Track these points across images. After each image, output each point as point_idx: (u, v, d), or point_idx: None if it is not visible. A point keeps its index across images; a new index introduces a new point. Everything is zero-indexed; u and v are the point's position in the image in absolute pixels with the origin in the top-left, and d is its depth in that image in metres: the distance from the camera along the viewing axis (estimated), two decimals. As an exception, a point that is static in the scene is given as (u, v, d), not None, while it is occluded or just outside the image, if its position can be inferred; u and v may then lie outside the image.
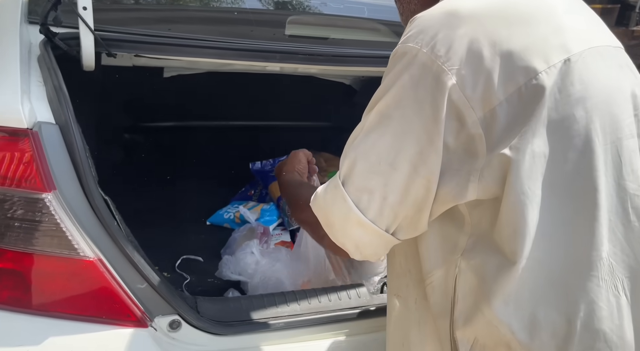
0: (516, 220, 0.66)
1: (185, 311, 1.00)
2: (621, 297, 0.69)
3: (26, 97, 0.90)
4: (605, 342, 0.68)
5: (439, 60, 0.65)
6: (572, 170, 0.67)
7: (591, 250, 0.67)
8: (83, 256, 0.90)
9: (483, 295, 0.70)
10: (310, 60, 1.31)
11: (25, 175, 0.86)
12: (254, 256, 1.45)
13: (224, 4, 1.65)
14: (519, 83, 0.65)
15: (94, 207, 0.91)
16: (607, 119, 0.69)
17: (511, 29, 0.67)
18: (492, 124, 0.65)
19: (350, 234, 0.73)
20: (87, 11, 1.05)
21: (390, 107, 0.68)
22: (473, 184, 0.67)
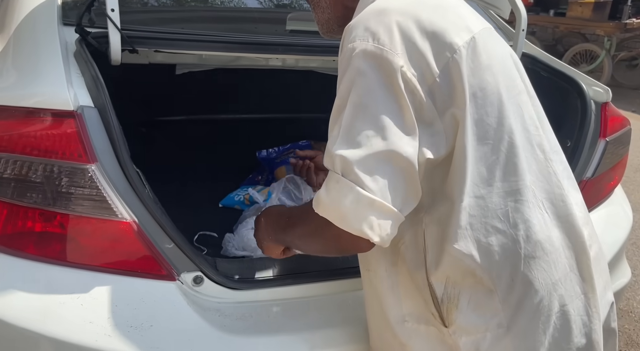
0: (461, 167, 0.83)
1: (206, 268, 1.16)
2: (544, 214, 0.88)
3: (70, 85, 1.07)
4: (543, 250, 0.86)
5: (385, 47, 0.79)
6: (494, 122, 0.85)
7: (518, 180, 0.86)
8: (121, 218, 1.06)
9: (446, 238, 0.86)
10: (309, 51, 1.47)
11: (72, 149, 1.03)
12: None
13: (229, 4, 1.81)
14: (447, 57, 0.82)
15: (128, 177, 1.07)
16: (507, 80, 0.89)
17: (429, 15, 0.84)
18: (436, 94, 0.81)
19: (365, 217, 0.77)
20: (114, 12, 1.22)
21: (361, 96, 0.78)
22: (440, 143, 0.83)
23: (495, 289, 0.86)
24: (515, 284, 0.86)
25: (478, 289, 0.87)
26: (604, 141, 1.46)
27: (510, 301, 0.86)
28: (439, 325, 0.91)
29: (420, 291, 0.91)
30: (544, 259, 0.86)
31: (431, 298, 0.90)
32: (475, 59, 0.84)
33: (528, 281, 0.86)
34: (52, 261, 1.07)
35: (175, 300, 1.11)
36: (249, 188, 1.90)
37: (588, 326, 0.90)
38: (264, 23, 1.69)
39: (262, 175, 2.11)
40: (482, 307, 0.87)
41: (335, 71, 2.27)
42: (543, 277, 0.86)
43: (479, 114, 0.83)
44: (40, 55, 1.17)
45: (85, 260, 1.08)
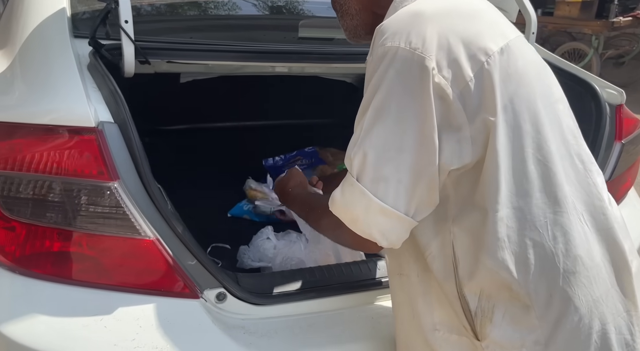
0: (494, 176, 0.81)
1: (229, 284, 1.13)
2: (584, 226, 0.85)
3: (89, 100, 1.04)
4: (583, 265, 0.84)
5: (417, 51, 0.78)
6: (530, 129, 0.83)
7: (557, 191, 0.83)
8: (144, 236, 1.03)
9: (480, 249, 0.83)
10: (324, 59, 1.46)
11: (93, 167, 0.99)
12: (270, 241, 1.55)
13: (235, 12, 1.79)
14: (481, 61, 0.80)
15: (150, 193, 1.04)
16: (543, 88, 0.87)
17: (464, 22, 0.83)
18: (467, 99, 0.79)
19: (375, 223, 0.80)
20: (128, 24, 1.19)
21: (384, 100, 0.79)
22: (467, 149, 0.81)
23: (532, 305, 0.83)
24: (553, 300, 0.83)
25: (514, 303, 0.84)
26: (620, 144, 1.46)
27: (548, 317, 0.83)
28: (472, 338, 0.88)
29: (451, 302, 0.89)
30: (584, 275, 0.84)
31: (462, 310, 0.87)
32: (511, 64, 0.82)
33: (567, 298, 0.83)
34: (73, 282, 1.03)
35: (200, 318, 1.08)
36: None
37: (631, 345, 0.87)
38: (273, 30, 1.67)
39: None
40: (518, 322, 0.84)
41: (339, 76, 2.28)
42: (583, 293, 0.83)
43: (514, 120, 0.81)
44: (54, 70, 1.13)
45: (107, 280, 1.04)
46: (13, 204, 0.99)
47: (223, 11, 1.77)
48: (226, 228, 1.80)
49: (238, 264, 1.55)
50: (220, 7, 1.77)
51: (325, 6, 1.81)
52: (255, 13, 1.75)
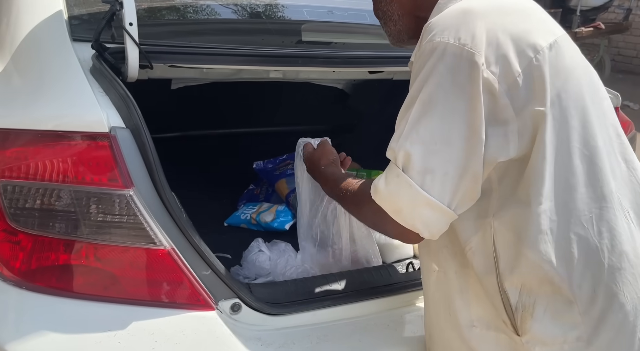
0: (540, 170, 0.81)
1: (244, 294, 1.09)
2: (631, 224, 0.86)
3: (100, 104, 0.99)
4: (629, 262, 0.84)
5: (466, 47, 0.79)
6: (577, 124, 0.84)
7: (603, 186, 0.84)
8: (160, 246, 0.98)
9: (522, 242, 0.83)
10: (327, 63, 1.44)
11: (107, 174, 0.94)
12: (264, 253, 1.49)
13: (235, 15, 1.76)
14: (530, 57, 0.81)
15: (165, 201, 1.00)
16: (591, 85, 0.89)
17: (513, 19, 0.84)
18: (515, 94, 0.80)
19: (419, 215, 0.81)
20: (132, 27, 1.14)
21: (432, 94, 0.80)
22: (513, 143, 0.81)
23: (575, 300, 0.83)
24: (597, 296, 0.83)
25: (556, 298, 0.84)
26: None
27: (591, 313, 0.83)
28: (511, 333, 0.87)
29: (490, 297, 0.88)
30: (630, 272, 0.84)
31: (502, 304, 0.87)
32: (559, 60, 0.83)
33: (612, 294, 0.83)
34: (83, 297, 0.98)
35: (217, 330, 1.04)
36: (255, 207, 1.83)
37: None
38: (271, 35, 1.65)
39: (261, 188, 2.04)
40: (561, 317, 0.84)
41: (331, 82, 2.27)
42: (628, 290, 0.83)
43: (562, 116, 0.82)
44: (58, 74, 1.07)
45: (120, 293, 0.99)
46: (20, 214, 0.93)
47: (221, 15, 1.74)
48: (223, 237, 1.74)
49: None
50: (218, 11, 1.73)
51: (325, 10, 1.82)
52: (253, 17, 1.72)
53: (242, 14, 1.74)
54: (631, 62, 7.39)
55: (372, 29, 1.70)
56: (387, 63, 1.53)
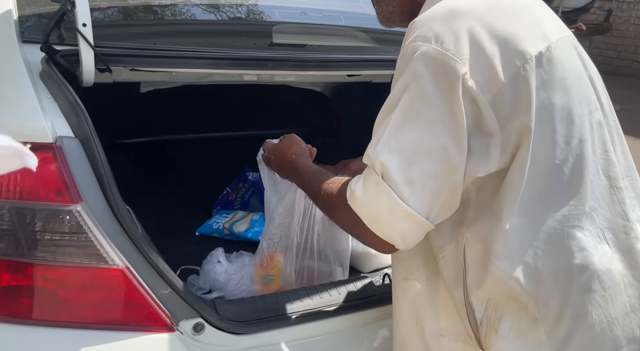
0: (516, 184, 0.77)
1: (207, 313, 1.03)
2: (604, 244, 0.82)
3: (44, 112, 0.91)
4: (600, 284, 0.80)
5: (449, 52, 0.74)
6: (561, 140, 0.79)
7: (578, 205, 0.80)
8: (112, 265, 0.91)
9: (490, 257, 0.79)
10: (298, 66, 1.38)
11: (53, 188, 0.87)
12: (222, 265, 1.43)
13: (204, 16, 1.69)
14: (517, 66, 0.75)
15: (118, 216, 0.93)
16: (581, 95, 0.83)
17: (503, 20, 0.78)
18: (500, 105, 0.75)
19: (397, 226, 0.77)
20: (86, 28, 1.07)
21: (414, 101, 0.75)
22: (495, 157, 0.77)
23: (541, 319, 0.80)
24: (564, 317, 0.80)
25: (522, 316, 0.80)
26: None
27: (557, 333, 0.80)
28: (476, 346, 0.84)
29: (458, 309, 0.85)
30: (600, 294, 0.80)
31: (467, 317, 0.84)
32: (549, 70, 0.78)
33: (580, 315, 0.80)
34: (29, 322, 0.90)
35: (177, 354, 0.97)
36: (229, 215, 1.76)
37: None
38: (242, 36, 1.58)
39: (237, 192, 1.97)
40: (526, 336, 0.80)
41: (308, 85, 2.21)
42: (598, 313, 0.80)
43: (546, 130, 0.78)
44: (0, 78, 0.99)
45: (70, 317, 0.92)
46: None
47: (189, 16, 1.67)
48: (194, 248, 1.68)
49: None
50: (186, 11, 1.66)
51: (298, 12, 1.76)
52: (223, 18, 1.65)
53: (213, 14, 1.67)
54: (612, 63, 7.47)
55: (347, 31, 1.65)
56: (363, 66, 1.47)
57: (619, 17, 7.24)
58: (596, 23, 6.80)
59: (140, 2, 1.64)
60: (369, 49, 1.67)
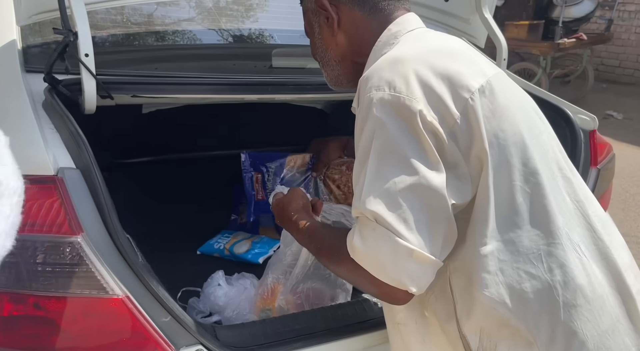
0: (484, 210, 0.80)
1: (207, 340, 1.03)
2: (582, 257, 0.83)
3: (46, 144, 0.93)
4: (584, 298, 0.82)
5: (402, 94, 0.79)
6: (518, 162, 0.83)
7: (549, 223, 0.82)
8: (112, 295, 0.92)
9: (474, 286, 0.81)
10: (297, 90, 1.40)
11: (54, 220, 0.88)
12: (222, 288, 1.43)
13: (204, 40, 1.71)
14: (465, 99, 0.80)
15: (118, 246, 0.94)
16: (527, 121, 0.88)
17: (443, 62, 0.84)
18: (458, 136, 0.79)
19: (404, 268, 0.75)
20: (89, 58, 1.09)
21: (384, 145, 0.78)
22: (467, 185, 0.80)
23: (535, 342, 0.80)
24: (556, 336, 0.81)
25: (516, 341, 0.81)
26: (596, 169, 1.47)
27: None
28: None
29: (453, 344, 0.86)
30: (587, 308, 0.82)
31: (464, 350, 0.84)
32: (493, 100, 0.83)
33: (571, 332, 0.81)
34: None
35: (178, 383, 0.97)
36: (230, 236, 1.77)
37: None
38: (242, 60, 1.60)
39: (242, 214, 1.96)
40: None
41: (309, 103, 2.23)
42: (587, 328, 0.81)
43: (501, 155, 0.81)
44: (4, 109, 1.01)
45: (70, 346, 0.92)
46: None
47: (189, 40, 1.69)
48: (195, 268, 1.68)
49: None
50: (186, 35, 1.68)
51: (297, 34, 1.78)
52: (223, 42, 1.67)
53: (213, 38, 1.69)
54: (614, 72, 7.46)
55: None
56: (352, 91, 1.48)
57: (620, 26, 7.25)
58: (597, 32, 6.82)
59: (141, 28, 1.66)
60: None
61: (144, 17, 1.63)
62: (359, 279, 0.81)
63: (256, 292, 1.33)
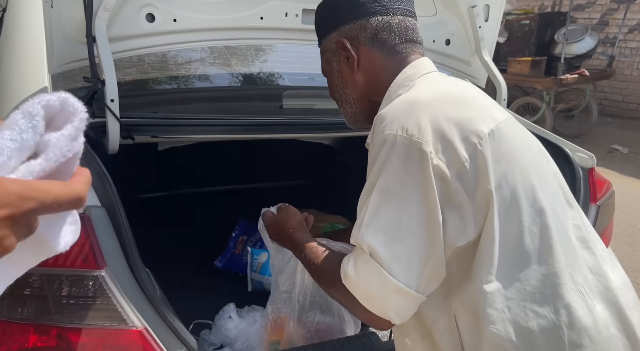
0: (489, 249, 0.83)
1: None
2: (586, 298, 0.85)
3: (75, 184, 1.00)
4: (589, 338, 0.83)
5: (414, 137, 0.83)
6: (526, 204, 0.85)
7: (554, 263, 0.85)
8: (131, 326, 0.97)
9: (481, 323, 0.83)
10: (309, 129, 1.47)
11: (79, 255, 0.94)
12: (233, 320, 1.48)
13: (219, 83, 1.80)
14: (474, 143, 0.84)
15: (138, 280, 0.99)
16: (535, 164, 0.91)
17: (455, 108, 0.88)
18: (464, 178, 0.83)
19: (390, 302, 0.81)
20: (114, 103, 1.17)
21: (389, 183, 0.83)
22: (470, 227, 0.84)
23: None
24: None
25: None
26: (596, 206, 1.51)
27: None
28: None
29: None
30: (592, 348, 0.83)
31: None
32: (502, 144, 0.86)
33: None
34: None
35: (191, 413, 1.01)
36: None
37: None
38: (254, 101, 1.69)
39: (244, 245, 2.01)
40: None
41: (319, 139, 2.31)
42: None
43: (510, 197, 0.84)
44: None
45: (91, 378, 0.96)
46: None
47: (204, 83, 1.79)
48: (208, 301, 1.72)
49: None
50: (201, 79, 1.78)
51: (306, 77, 1.88)
52: (236, 84, 1.77)
53: (226, 81, 1.79)
54: (618, 106, 7.54)
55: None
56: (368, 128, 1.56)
57: (622, 62, 7.37)
58: (600, 68, 6.93)
59: (160, 74, 1.77)
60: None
61: (163, 62, 1.73)
62: (349, 303, 0.87)
63: (261, 324, 1.37)
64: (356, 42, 1.01)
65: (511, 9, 6.81)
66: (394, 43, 1.00)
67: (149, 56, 1.65)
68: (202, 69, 1.81)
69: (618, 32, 6.68)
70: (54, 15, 1.23)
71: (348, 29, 1.01)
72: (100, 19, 1.22)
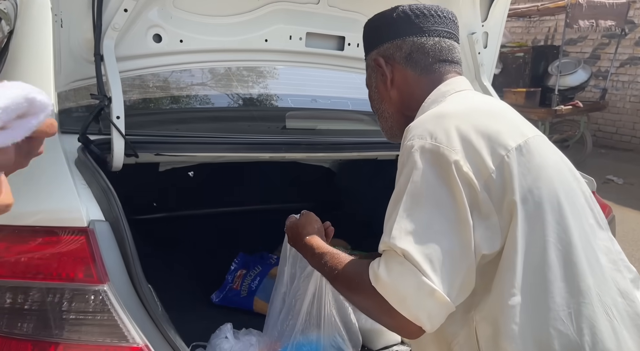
0: (512, 262, 0.83)
1: None
2: (613, 321, 0.84)
3: (80, 198, 1.00)
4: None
5: (442, 144, 0.85)
6: (551, 219, 0.85)
7: (580, 282, 0.84)
8: (132, 343, 0.95)
9: (500, 336, 0.82)
10: (311, 149, 1.48)
11: (81, 270, 0.93)
12: (228, 341, 1.45)
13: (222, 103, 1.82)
14: (501, 155, 0.85)
15: (140, 296, 0.98)
16: (564, 183, 0.91)
17: (484, 121, 0.90)
18: (491, 189, 0.84)
19: (424, 305, 0.78)
20: (119, 120, 1.18)
21: (418, 188, 0.84)
22: (496, 237, 0.84)
23: None
24: None
25: None
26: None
27: None
28: None
29: None
30: None
31: None
32: (530, 159, 0.87)
33: None
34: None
35: None
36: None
37: None
38: (258, 121, 1.70)
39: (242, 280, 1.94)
40: None
41: (319, 162, 2.32)
42: None
43: (535, 211, 0.84)
44: (42, 168, 1.08)
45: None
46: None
47: (208, 103, 1.81)
48: (206, 323, 1.69)
49: None
50: (205, 99, 1.80)
51: (309, 99, 1.90)
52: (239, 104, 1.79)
53: (230, 101, 1.81)
54: (611, 138, 7.64)
55: (354, 116, 1.78)
56: (369, 149, 1.58)
57: (614, 95, 7.52)
58: (593, 100, 7.05)
59: (164, 93, 1.79)
60: (374, 132, 1.79)
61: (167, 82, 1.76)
62: (376, 308, 0.83)
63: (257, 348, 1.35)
64: (392, 61, 1.05)
65: (505, 42, 6.98)
66: (427, 63, 1.03)
67: (155, 77, 1.68)
68: (207, 91, 1.83)
69: (610, 66, 6.83)
70: (63, 34, 1.26)
71: (386, 48, 1.05)
72: (109, 38, 1.24)
